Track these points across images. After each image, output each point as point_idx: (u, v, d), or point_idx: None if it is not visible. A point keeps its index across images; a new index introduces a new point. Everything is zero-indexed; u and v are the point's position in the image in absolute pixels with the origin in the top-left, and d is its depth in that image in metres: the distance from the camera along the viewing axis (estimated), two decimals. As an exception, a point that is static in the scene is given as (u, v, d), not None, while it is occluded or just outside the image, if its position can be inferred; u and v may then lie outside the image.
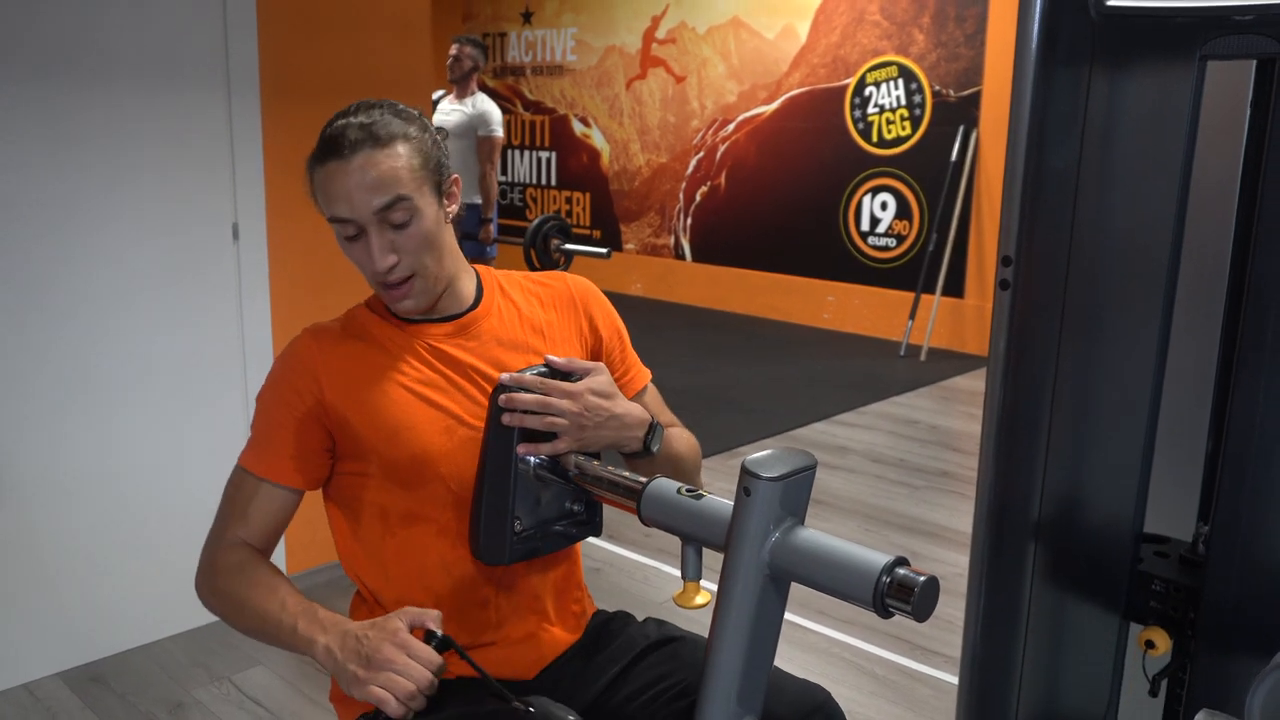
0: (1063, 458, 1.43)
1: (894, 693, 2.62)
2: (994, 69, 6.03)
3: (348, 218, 1.27)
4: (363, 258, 1.30)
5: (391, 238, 1.28)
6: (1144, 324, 1.34)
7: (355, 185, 1.25)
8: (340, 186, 1.25)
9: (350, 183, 1.25)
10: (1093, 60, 1.32)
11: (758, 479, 1.02)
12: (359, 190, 1.25)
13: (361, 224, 1.27)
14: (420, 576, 1.34)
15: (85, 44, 2.48)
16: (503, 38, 8.95)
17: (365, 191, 1.25)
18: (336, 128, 1.28)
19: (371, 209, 1.26)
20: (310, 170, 1.29)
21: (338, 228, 1.29)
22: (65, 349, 2.53)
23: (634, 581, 3.19)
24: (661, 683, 1.37)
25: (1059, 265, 1.38)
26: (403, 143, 1.27)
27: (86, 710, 2.47)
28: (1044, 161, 1.36)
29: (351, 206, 1.26)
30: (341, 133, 1.26)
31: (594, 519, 1.38)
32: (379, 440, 1.31)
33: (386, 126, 1.26)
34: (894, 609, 0.98)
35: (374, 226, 1.27)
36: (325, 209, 1.29)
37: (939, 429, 4.91)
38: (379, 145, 1.26)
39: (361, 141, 1.25)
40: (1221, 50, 1.23)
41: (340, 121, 1.28)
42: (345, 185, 1.25)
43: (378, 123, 1.26)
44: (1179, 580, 1.36)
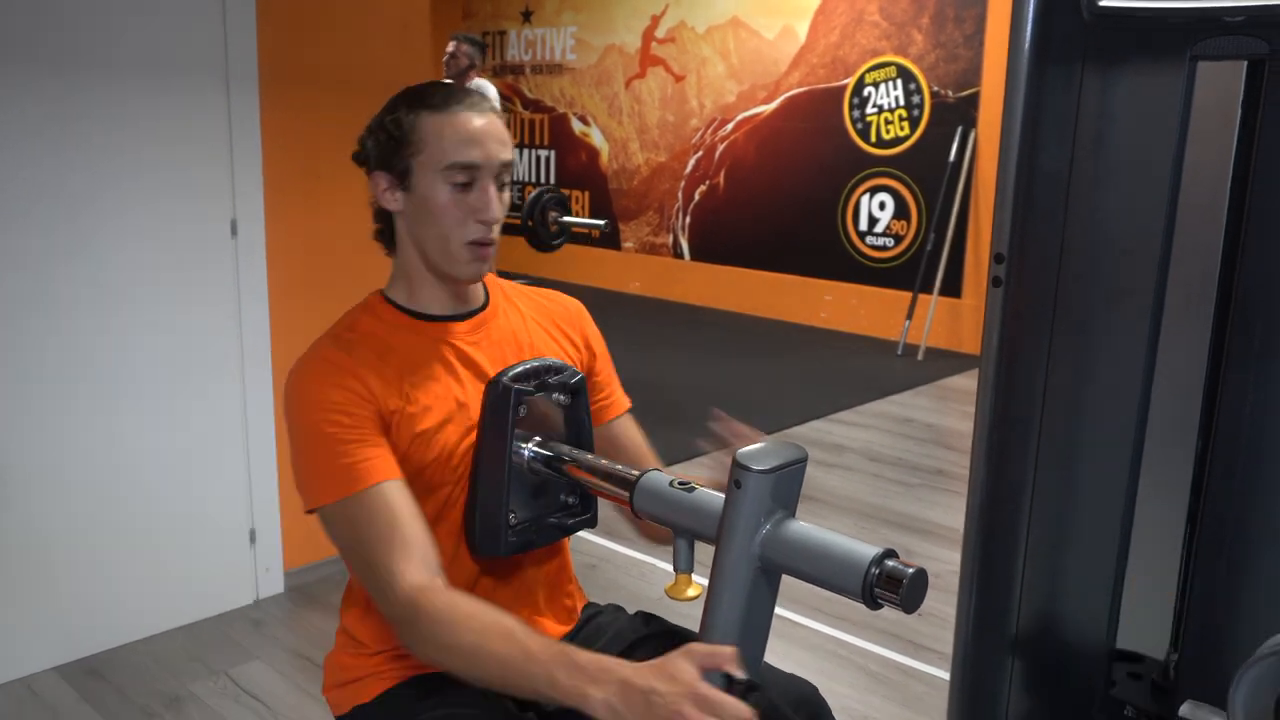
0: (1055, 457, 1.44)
1: (888, 689, 2.64)
2: (992, 70, 6.04)
3: (477, 163, 1.29)
4: (474, 205, 1.29)
5: (495, 195, 1.31)
6: (1135, 320, 1.35)
7: (490, 136, 1.30)
8: (476, 132, 1.29)
9: (485, 132, 1.29)
10: (1085, 60, 1.33)
11: (748, 471, 1.04)
12: (493, 141, 1.30)
13: (481, 174, 1.29)
14: None
15: (84, 39, 2.48)
16: (502, 36, 8.96)
17: (497, 144, 1.30)
18: (453, 88, 1.32)
19: (499, 160, 1.31)
20: (412, 117, 1.29)
21: (454, 173, 1.28)
22: (63, 344, 2.54)
23: (629, 577, 3.21)
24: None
25: (1051, 263, 1.39)
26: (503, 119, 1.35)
27: (84, 704, 2.48)
28: (1037, 160, 1.37)
29: (482, 153, 1.29)
30: (465, 91, 1.31)
31: (589, 511, 1.39)
32: (414, 444, 1.29)
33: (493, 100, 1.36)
34: (883, 600, 0.99)
35: (489, 179, 1.30)
36: (444, 155, 1.28)
37: (935, 428, 4.92)
38: (496, 113, 1.33)
39: (491, 105, 1.32)
40: (1212, 51, 1.24)
41: (451, 87, 1.33)
42: (481, 132, 1.29)
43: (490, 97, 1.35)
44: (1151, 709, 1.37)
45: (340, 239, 3.02)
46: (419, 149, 1.29)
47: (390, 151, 1.31)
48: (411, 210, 1.32)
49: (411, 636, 1.18)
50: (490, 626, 1.13)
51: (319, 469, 1.24)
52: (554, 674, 1.05)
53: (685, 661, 1.00)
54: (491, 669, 1.11)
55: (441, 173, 1.28)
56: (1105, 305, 1.38)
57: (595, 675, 1.03)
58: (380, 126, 1.32)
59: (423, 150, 1.29)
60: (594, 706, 1.01)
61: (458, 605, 1.16)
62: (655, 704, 0.97)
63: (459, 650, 1.13)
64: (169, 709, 2.47)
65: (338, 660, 1.41)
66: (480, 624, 1.13)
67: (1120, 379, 1.37)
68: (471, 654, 1.12)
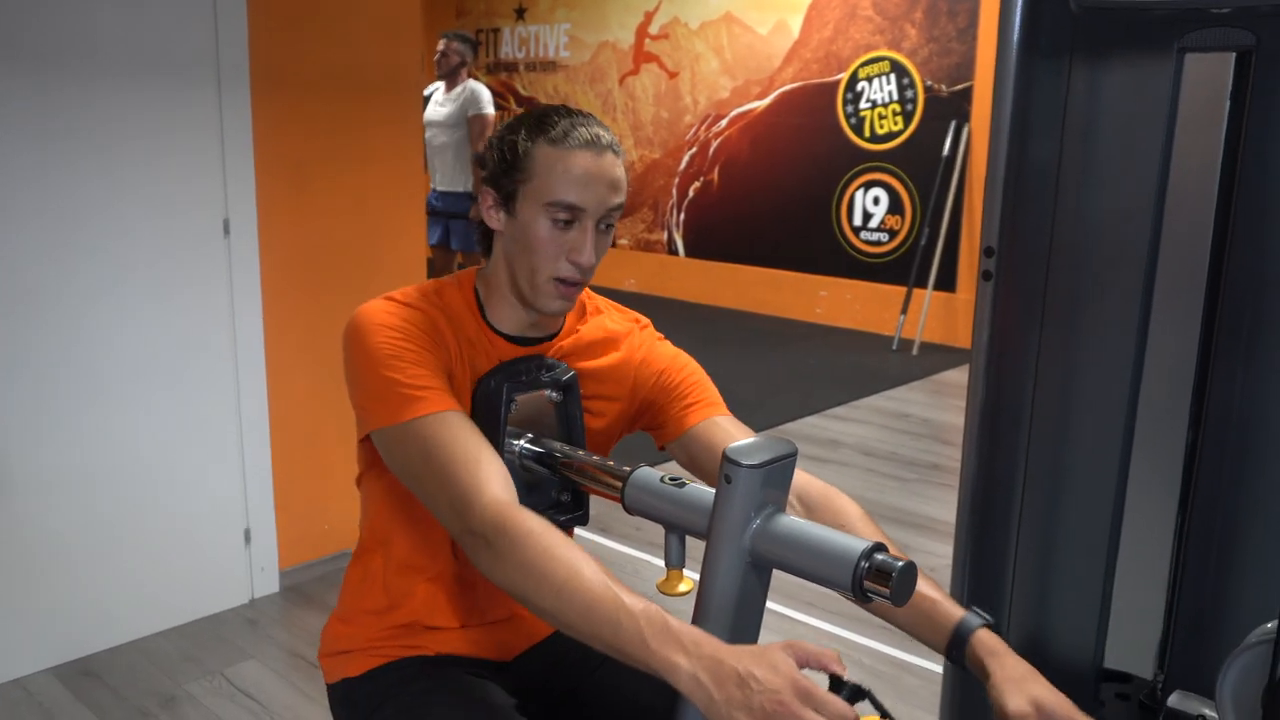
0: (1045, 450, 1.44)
1: (881, 682, 2.64)
2: (985, 64, 6.04)
3: (580, 205, 1.27)
4: (566, 247, 1.28)
5: (594, 238, 1.30)
6: (1124, 312, 1.35)
7: (599, 180, 1.28)
8: (586, 175, 1.27)
9: (597, 176, 1.27)
10: (1073, 53, 1.33)
11: (738, 467, 1.04)
12: (601, 186, 1.28)
13: (584, 216, 1.28)
14: (427, 550, 1.35)
15: (77, 39, 2.48)
16: (496, 34, 8.95)
17: (606, 189, 1.28)
18: (580, 122, 1.29)
19: (606, 206, 1.29)
20: (529, 144, 1.28)
21: (554, 211, 1.27)
22: (56, 344, 2.53)
23: (623, 573, 3.21)
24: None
25: (1040, 255, 1.39)
26: (623, 160, 1.33)
27: (79, 704, 2.48)
28: (1026, 153, 1.37)
29: (589, 197, 1.27)
30: (591, 129, 1.29)
31: (581, 508, 1.39)
32: None
33: (618, 143, 1.32)
34: (873, 594, 0.99)
35: (591, 222, 1.29)
36: (550, 192, 1.26)
37: (930, 422, 4.92)
38: (617, 155, 1.31)
39: (609, 144, 1.30)
40: (1200, 43, 1.24)
41: (580, 119, 1.30)
42: (591, 176, 1.27)
43: (613, 137, 1.32)
44: None
45: (333, 238, 3.02)
46: (528, 178, 1.28)
47: (501, 172, 1.30)
48: (510, 234, 1.32)
49: (491, 556, 1.09)
50: (583, 562, 1.05)
51: (384, 388, 1.22)
52: (645, 632, 0.97)
53: (786, 653, 0.95)
54: (576, 606, 1.02)
55: (544, 207, 1.27)
56: (1095, 297, 1.38)
57: (688, 645, 0.96)
58: (500, 144, 1.32)
59: (531, 180, 1.27)
60: (681, 677, 0.95)
61: (550, 531, 1.08)
62: (752, 690, 0.92)
63: (546, 577, 1.05)
64: (164, 709, 2.47)
65: (333, 628, 1.43)
66: (571, 556, 1.05)
67: (1110, 370, 1.37)
68: (560, 584, 1.04)
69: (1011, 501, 1.46)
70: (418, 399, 1.20)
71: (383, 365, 1.22)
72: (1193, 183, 1.32)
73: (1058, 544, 1.46)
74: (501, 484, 1.15)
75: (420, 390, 1.21)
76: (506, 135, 1.31)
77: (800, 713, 0.90)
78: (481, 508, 1.12)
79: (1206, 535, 1.34)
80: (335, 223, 3.02)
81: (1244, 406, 1.29)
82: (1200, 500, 1.33)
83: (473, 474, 1.15)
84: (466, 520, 1.13)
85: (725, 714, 0.92)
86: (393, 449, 1.22)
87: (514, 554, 1.07)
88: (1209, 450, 1.32)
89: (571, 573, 1.04)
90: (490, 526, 1.10)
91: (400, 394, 1.21)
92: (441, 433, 1.18)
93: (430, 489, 1.18)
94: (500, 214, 1.32)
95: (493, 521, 1.10)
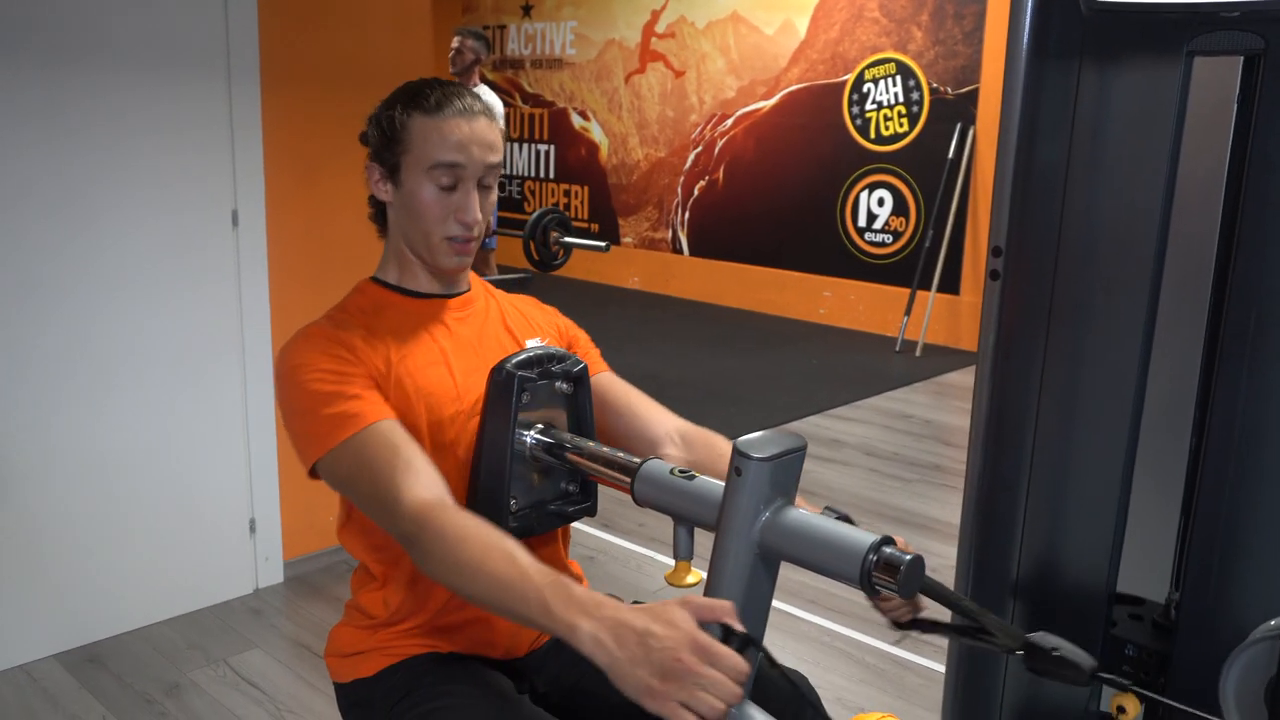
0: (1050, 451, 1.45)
1: (884, 680, 2.65)
2: (991, 67, 6.05)
3: (460, 163, 1.34)
4: (457, 205, 1.35)
5: (477, 197, 1.37)
6: (1131, 313, 1.36)
7: (476, 139, 1.35)
8: (461, 135, 1.34)
9: (473, 135, 1.35)
10: (1083, 55, 1.34)
11: (749, 459, 1.05)
12: (478, 145, 1.35)
13: (466, 175, 1.35)
14: None
15: (87, 31, 2.49)
16: (502, 30, 8.96)
17: (483, 148, 1.35)
18: (450, 90, 1.36)
19: (484, 164, 1.36)
20: (405, 117, 1.35)
21: (438, 174, 1.34)
22: (65, 335, 2.55)
23: (627, 570, 3.22)
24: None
25: (1048, 256, 1.40)
26: (498, 125, 1.40)
27: (83, 691, 2.49)
28: (1034, 154, 1.38)
29: (469, 156, 1.34)
30: (460, 95, 1.36)
31: (589, 499, 1.40)
32: (406, 408, 1.32)
33: (495, 108, 1.41)
34: (881, 586, 1.00)
35: (473, 182, 1.36)
36: (430, 156, 1.34)
37: (933, 423, 4.93)
38: (490, 119, 1.38)
39: (482, 110, 1.37)
40: (1208, 46, 1.25)
41: (449, 89, 1.37)
42: (467, 136, 1.34)
43: (488, 103, 1.39)
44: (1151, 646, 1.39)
45: (340, 230, 3.03)
46: (408, 148, 1.35)
47: (383, 146, 1.38)
48: (399, 204, 1.39)
49: (419, 553, 1.16)
50: (493, 546, 1.11)
51: (313, 422, 1.27)
52: (547, 599, 1.02)
53: (683, 610, 0.98)
54: (491, 588, 1.08)
55: (426, 172, 1.34)
56: (1102, 298, 1.39)
57: (588, 608, 1.00)
58: (378, 120, 1.39)
59: (411, 150, 1.35)
60: (581, 639, 0.99)
61: (464, 523, 1.14)
62: (651, 646, 0.95)
63: (461, 567, 1.11)
64: (169, 697, 2.49)
65: (344, 633, 1.43)
66: (483, 543, 1.11)
67: (1116, 371, 1.38)
68: (473, 571, 1.10)
69: (1016, 501, 1.47)
70: (339, 424, 1.25)
71: (303, 401, 1.28)
72: (1200, 186, 1.33)
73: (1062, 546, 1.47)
74: (425, 484, 1.19)
75: (340, 413, 1.25)
76: (384, 111, 1.38)
77: (696, 666, 0.93)
78: (403, 511, 1.17)
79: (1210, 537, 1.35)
80: (343, 216, 3.03)
81: (1249, 408, 1.30)
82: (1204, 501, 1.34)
83: (392, 479, 1.19)
84: (395, 523, 1.18)
85: (627, 671, 0.95)
86: (330, 478, 1.28)
87: (435, 549, 1.13)
88: (1214, 452, 1.33)
89: (484, 558, 1.09)
90: (413, 526, 1.16)
91: (323, 423, 1.26)
92: (366, 447, 1.23)
93: (365, 501, 1.24)
94: (388, 185, 1.39)
95: (414, 521, 1.16)
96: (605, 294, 7.95)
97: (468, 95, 1.37)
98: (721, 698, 0.93)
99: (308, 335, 1.35)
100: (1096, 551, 1.44)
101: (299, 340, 1.35)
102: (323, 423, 1.26)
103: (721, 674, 0.94)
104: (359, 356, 1.32)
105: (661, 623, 0.96)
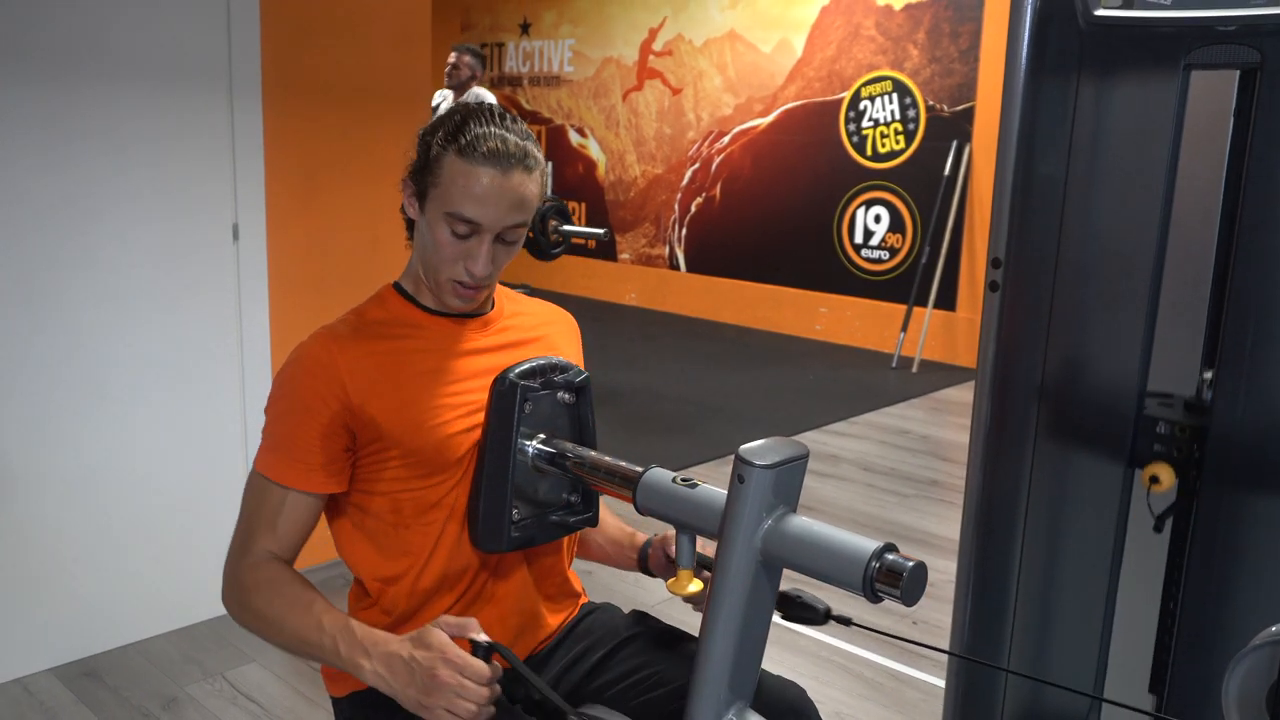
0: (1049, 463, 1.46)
1: (883, 695, 2.65)
2: (987, 84, 6.09)
3: (476, 221, 1.30)
4: (465, 255, 1.32)
5: (495, 250, 1.33)
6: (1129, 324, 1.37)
7: (500, 199, 1.29)
8: (486, 193, 1.28)
9: (498, 195, 1.29)
10: (1081, 69, 1.35)
11: (751, 467, 1.05)
12: (501, 205, 1.29)
13: (481, 230, 1.31)
14: (426, 563, 1.36)
15: (89, 44, 2.50)
16: (500, 48, 9.00)
17: (506, 208, 1.30)
18: (495, 135, 1.29)
19: (503, 224, 1.31)
20: (440, 149, 1.30)
21: (453, 222, 1.30)
22: (64, 347, 2.55)
23: (625, 584, 3.22)
24: (639, 672, 1.41)
25: (1047, 267, 1.41)
26: (538, 173, 1.34)
27: (80, 705, 2.48)
28: (1033, 166, 1.39)
29: (486, 215, 1.29)
30: (503, 143, 1.29)
31: (591, 510, 1.40)
32: (405, 433, 1.32)
33: (535, 154, 1.32)
34: (883, 593, 1.00)
35: (490, 235, 1.31)
36: (450, 203, 1.29)
37: (930, 439, 4.94)
38: (528, 170, 1.31)
39: (520, 160, 1.30)
40: (1205, 60, 1.27)
41: (495, 130, 1.30)
42: (492, 194, 1.29)
43: (529, 148, 1.31)
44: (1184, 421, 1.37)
45: (341, 244, 3.04)
46: (435, 183, 1.31)
47: (419, 168, 1.34)
48: (421, 228, 1.36)
49: (226, 597, 1.30)
50: (294, 600, 1.25)
51: (265, 440, 1.35)
52: (337, 646, 1.19)
53: (436, 630, 1.15)
54: (290, 637, 1.24)
55: (444, 215, 1.31)
56: (1100, 309, 1.40)
57: (368, 648, 1.18)
58: (422, 140, 1.35)
59: (438, 186, 1.31)
60: (366, 675, 1.17)
61: (274, 578, 1.27)
62: (415, 669, 1.13)
63: (264, 617, 1.26)
64: (166, 710, 2.48)
65: None
66: (283, 596, 1.25)
67: (1115, 381, 1.39)
68: (274, 622, 1.25)
69: (1016, 508, 1.48)
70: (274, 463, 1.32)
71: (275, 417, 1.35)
72: (1197, 197, 1.34)
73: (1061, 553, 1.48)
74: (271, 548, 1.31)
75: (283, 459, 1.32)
76: (427, 135, 1.35)
77: (449, 679, 1.12)
78: (237, 561, 1.31)
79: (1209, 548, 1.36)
80: (344, 229, 3.04)
81: (1248, 418, 1.31)
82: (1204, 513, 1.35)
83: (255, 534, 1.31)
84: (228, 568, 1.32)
85: (401, 693, 1.15)
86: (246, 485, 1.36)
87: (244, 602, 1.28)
88: (1213, 462, 1.34)
89: (283, 613, 1.25)
90: (234, 577, 1.30)
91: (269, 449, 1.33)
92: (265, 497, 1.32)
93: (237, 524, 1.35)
94: (416, 205, 1.36)
95: (236, 573, 1.30)
96: (602, 310, 7.96)
97: (511, 138, 1.30)
98: (472, 700, 1.11)
99: (314, 343, 1.35)
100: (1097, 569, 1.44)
101: (308, 343, 1.36)
102: (265, 443, 1.35)
103: (470, 681, 1.12)
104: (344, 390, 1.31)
105: (420, 646, 1.15)
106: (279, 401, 1.34)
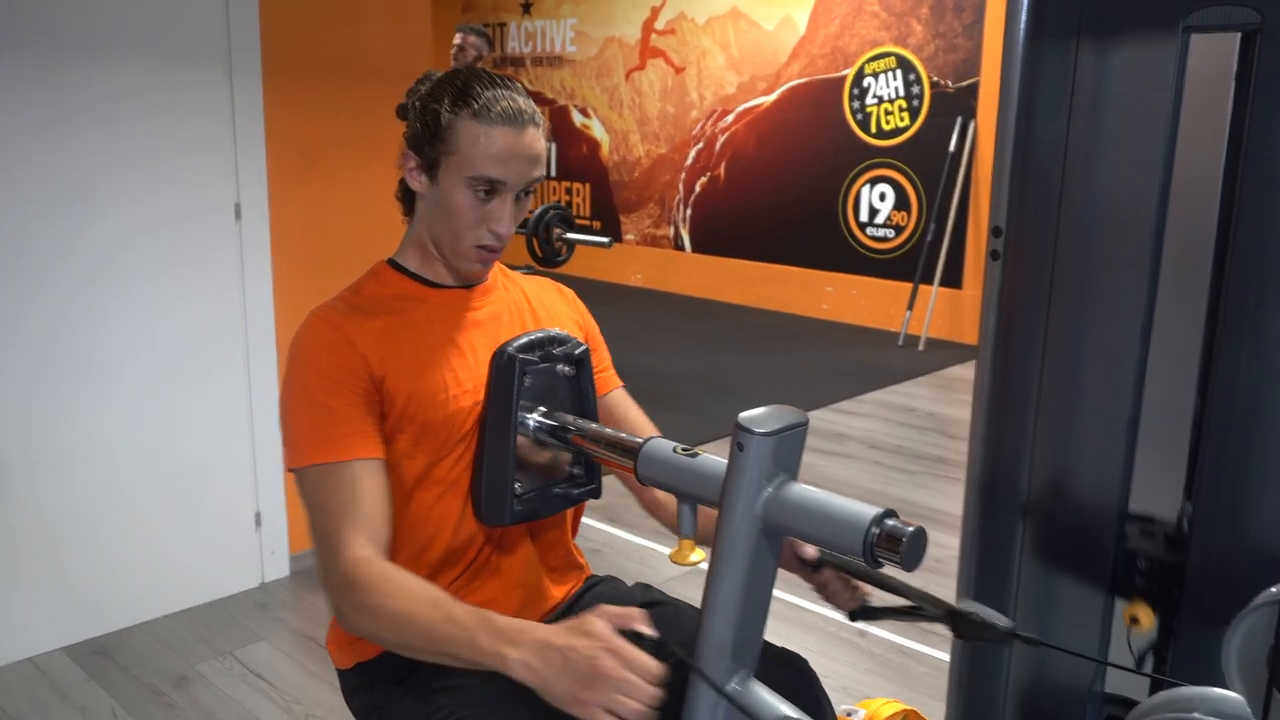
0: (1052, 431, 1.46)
1: (890, 670, 2.66)
2: (992, 59, 6.05)
3: (502, 180, 1.31)
4: (486, 217, 1.33)
5: (512, 208, 1.34)
6: (1131, 291, 1.37)
7: (522, 152, 1.31)
8: (507, 152, 1.30)
9: (518, 152, 1.30)
10: (1080, 33, 1.34)
11: (751, 434, 1.05)
12: (522, 160, 1.31)
13: (504, 189, 1.32)
14: (431, 538, 1.36)
15: (89, 23, 2.50)
16: (502, 28, 8.97)
17: (527, 164, 1.32)
18: (505, 95, 1.31)
19: (526, 179, 1.32)
20: (451, 115, 1.30)
21: (476, 183, 1.30)
22: (67, 328, 2.56)
23: (631, 562, 3.23)
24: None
25: (1048, 235, 1.41)
26: (544, 129, 1.37)
27: (91, 683, 2.50)
28: (1033, 133, 1.38)
29: (510, 173, 1.31)
30: (510, 96, 1.31)
31: (594, 482, 1.41)
32: (419, 406, 1.32)
33: (539, 114, 1.35)
34: (883, 559, 1.01)
35: (510, 194, 1.33)
36: (472, 166, 1.29)
37: (936, 416, 4.94)
38: (538, 126, 1.34)
39: (530, 117, 1.32)
40: (1205, 22, 1.26)
41: (502, 91, 1.31)
42: (512, 148, 1.30)
43: (533, 105, 1.34)
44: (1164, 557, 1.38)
45: (343, 222, 3.04)
46: (451, 149, 1.30)
47: (424, 139, 1.33)
48: (432, 200, 1.35)
49: (346, 605, 1.20)
50: (418, 595, 1.15)
51: (303, 433, 1.29)
52: (475, 636, 1.08)
53: (599, 619, 1.05)
54: (419, 634, 1.13)
55: (466, 180, 1.30)
56: (1102, 276, 1.39)
57: (513, 636, 1.06)
58: (422, 110, 1.34)
59: (454, 153, 1.30)
60: (512, 666, 1.05)
61: (390, 575, 1.19)
62: (572, 659, 1.02)
63: (388, 616, 1.16)
64: (176, 689, 2.50)
65: None
66: (409, 593, 1.16)
67: (1117, 348, 1.38)
68: (400, 620, 1.15)
69: (1018, 482, 1.48)
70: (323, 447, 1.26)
71: (296, 404, 1.29)
72: (1198, 162, 1.33)
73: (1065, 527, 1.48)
74: (366, 539, 1.22)
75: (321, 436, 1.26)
76: (429, 103, 1.33)
77: (614, 671, 1.00)
78: (339, 563, 1.21)
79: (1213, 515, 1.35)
80: (346, 207, 3.04)
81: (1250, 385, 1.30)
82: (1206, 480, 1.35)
83: (343, 528, 1.22)
84: (330, 572, 1.22)
85: (554, 685, 1.02)
86: (299, 486, 1.30)
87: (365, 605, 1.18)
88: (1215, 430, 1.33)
89: (408, 609, 1.14)
90: (346, 580, 1.20)
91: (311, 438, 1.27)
92: (331, 483, 1.25)
93: (315, 536, 1.27)
94: (423, 178, 1.35)
95: (346, 576, 1.20)
96: (608, 291, 7.95)
97: (519, 97, 1.32)
98: (638, 699, 1.00)
99: (319, 322, 1.34)
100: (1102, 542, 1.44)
101: (310, 327, 1.34)
102: (304, 436, 1.28)
103: (637, 676, 1.00)
104: (364, 359, 1.30)
105: (580, 635, 1.04)
106: (302, 389, 1.29)
